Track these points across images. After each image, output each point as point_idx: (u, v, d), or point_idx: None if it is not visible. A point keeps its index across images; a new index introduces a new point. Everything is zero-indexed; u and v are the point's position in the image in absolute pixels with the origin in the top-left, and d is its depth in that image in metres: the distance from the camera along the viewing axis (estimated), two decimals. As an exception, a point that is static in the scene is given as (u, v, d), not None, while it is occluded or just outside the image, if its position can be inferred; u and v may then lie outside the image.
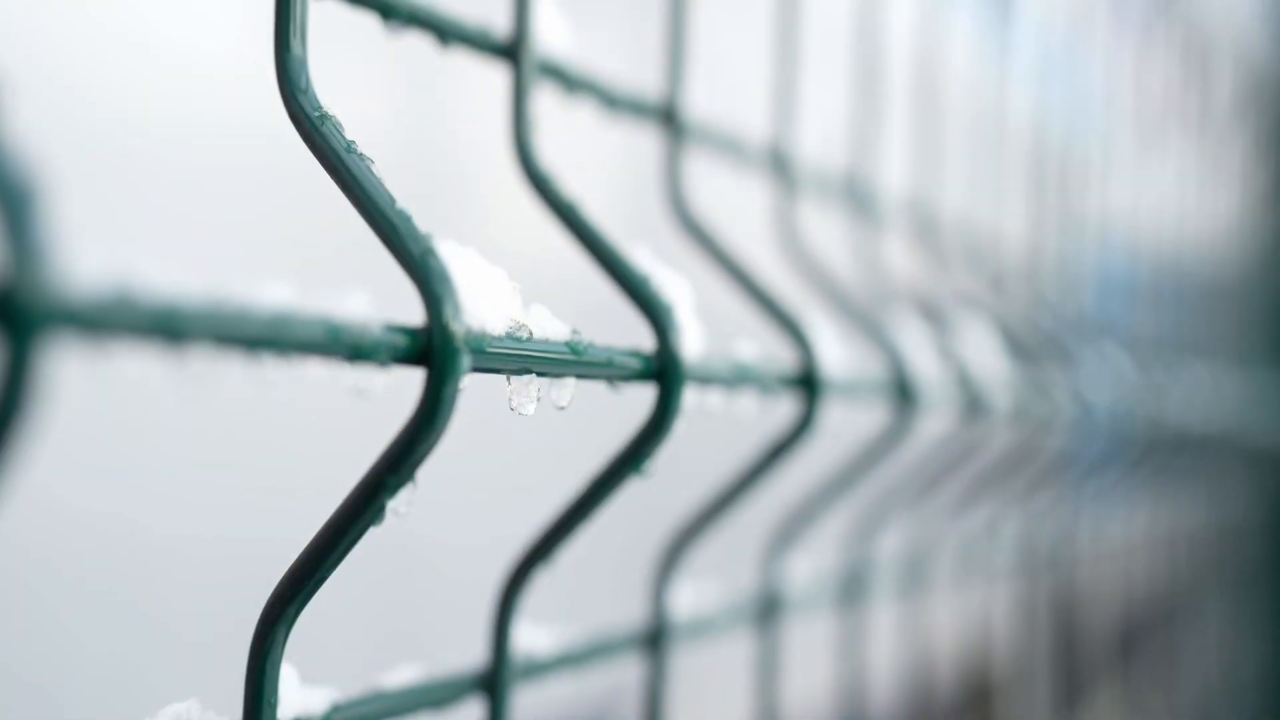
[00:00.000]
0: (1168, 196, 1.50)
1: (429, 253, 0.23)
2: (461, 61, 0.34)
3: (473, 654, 0.35)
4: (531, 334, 0.26)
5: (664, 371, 0.30)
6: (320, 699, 0.28)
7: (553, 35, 0.36)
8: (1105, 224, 1.28)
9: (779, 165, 0.52)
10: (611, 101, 0.39)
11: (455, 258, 0.24)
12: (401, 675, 0.32)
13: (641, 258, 0.32)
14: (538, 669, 0.36)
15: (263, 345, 0.20)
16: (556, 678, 0.37)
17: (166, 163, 0.42)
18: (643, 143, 0.46)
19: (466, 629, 0.39)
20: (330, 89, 0.27)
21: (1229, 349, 1.73)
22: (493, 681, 0.34)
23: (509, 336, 0.25)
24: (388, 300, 0.25)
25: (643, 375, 0.30)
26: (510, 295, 0.25)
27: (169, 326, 0.18)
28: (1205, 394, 1.28)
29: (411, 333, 0.23)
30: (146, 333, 0.18)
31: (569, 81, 0.37)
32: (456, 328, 0.23)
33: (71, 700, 0.42)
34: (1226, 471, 1.64)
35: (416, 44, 0.33)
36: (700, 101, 0.45)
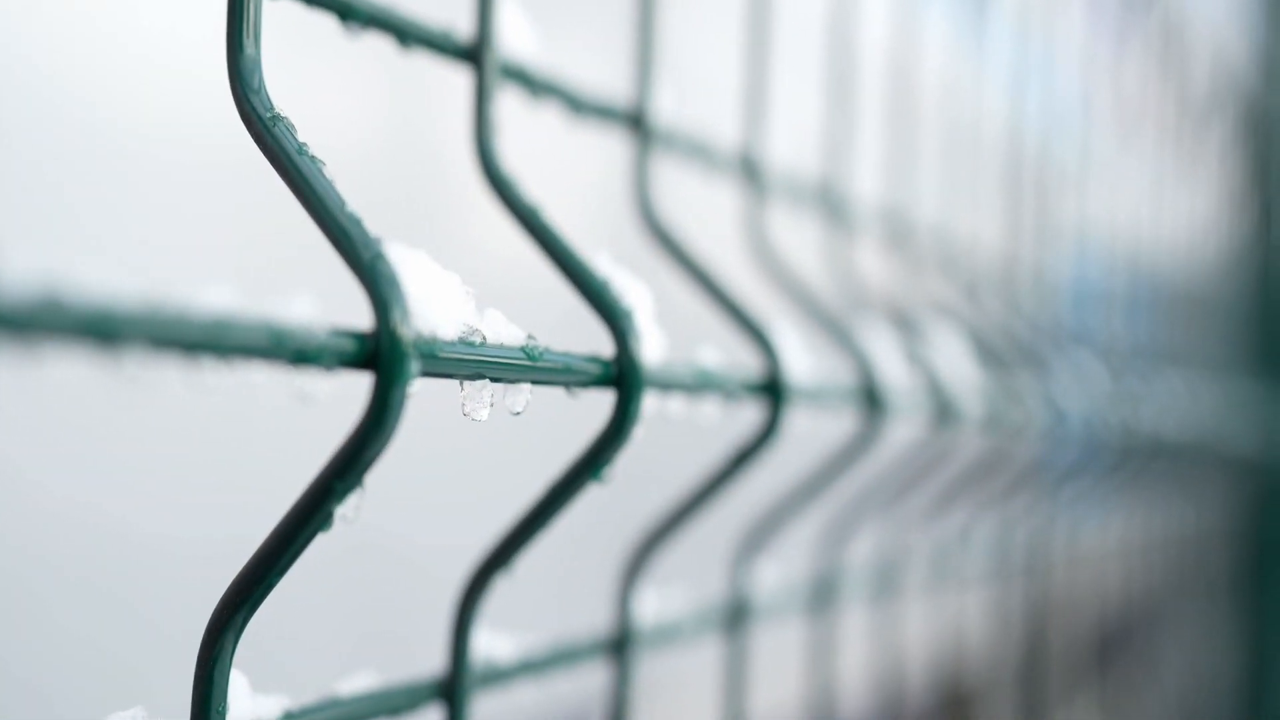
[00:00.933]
0: (1143, 201, 1.50)
1: (378, 256, 0.23)
2: (441, 66, 0.34)
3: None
4: (485, 339, 0.26)
5: (623, 377, 0.30)
6: (273, 706, 0.28)
7: (517, 38, 0.36)
8: (1081, 229, 1.28)
9: (749, 171, 0.51)
10: (577, 106, 0.39)
11: (407, 262, 0.24)
12: (358, 681, 0.32)
13: (602, 263, 0.32)
14: (498, 676, 0.35)
15: (202, 349, 0.19)
16: (518, 685, 0.36)
17: (115, 163, 0.42)
18: (616, 147, 0.46)
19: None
20: (312, 92, 0.27)
21: (1203, 356, 1.74)
22: (452, 689, 0.33)
23: (461, 341, 0.25)
24: (341, 305, 0.25)
25: (602, 381, 0.30)
26: (463, 300, 0.25)
27: (102, 330, 0.18)
28: (1180, 401, 1.29)
29: (359, 337, 0.22)
30: (78, 336, 0.17)
31: (533, 85, 0.36)
32: (405, 332, 0.22)
33: (48, 698, 0.42)
34: (1201, 479, 1.65)
35: (392, 48, 0.32)
36: (670, 107, 0.45)
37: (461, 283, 0.25)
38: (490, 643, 0.36)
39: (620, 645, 0.41)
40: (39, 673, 0.42)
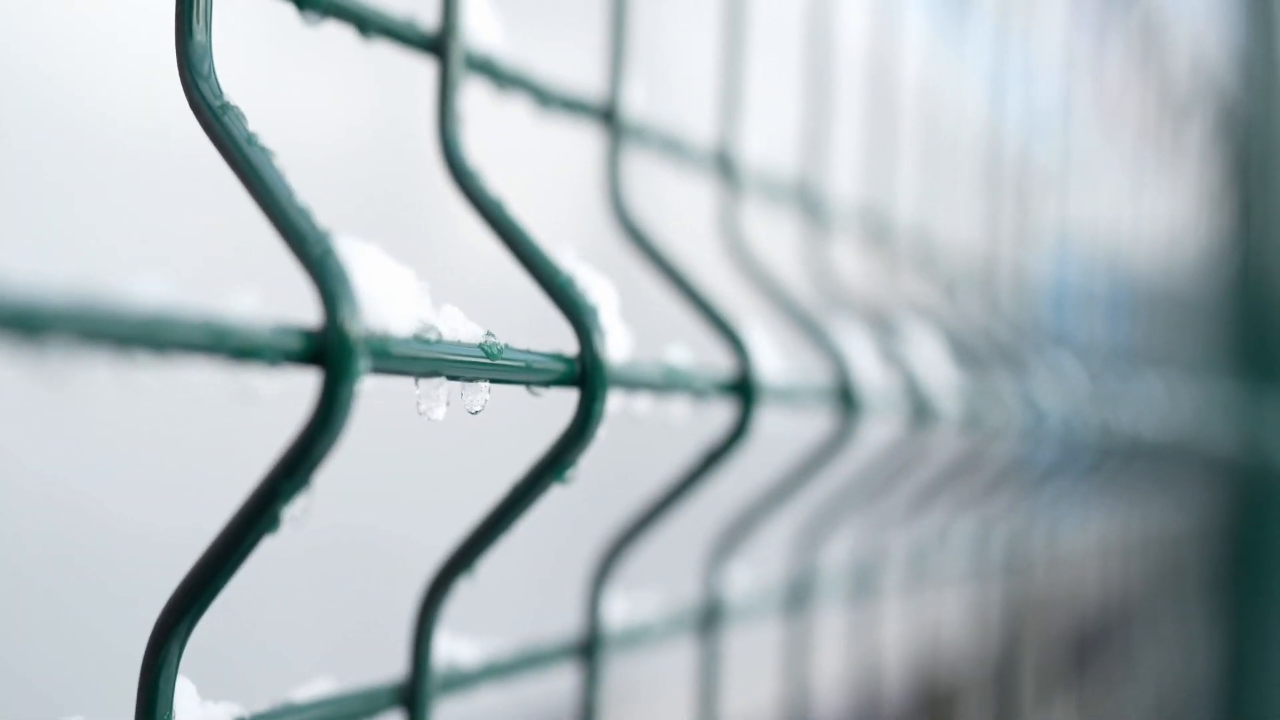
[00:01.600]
0: (1123, 200, 1.51)
1: (328, 250, 0.22)
2: (414, 59, 0.33)
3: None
4: (440, 335, 0.25)
5: (586, 376, 0.29)
6: (223, 714, 0.27)
7: (483, 29, 0.35)
8: (1061, 229, 1.28)
9: (724, 167, 0.51)
10: (545, 99, 0.38)
11: (359, 257, 0.23)
12: (315, 687, 0.31)
13: (567, 258, 0.31)
14: (462, 681, 0.35)
15: (137, 344, 0.19)
16: (482, 690, 0.36)
17: (59, 150, 0.41)
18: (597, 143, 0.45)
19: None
20: (286, 87, 0.26)
21: (1182, 356, 1.74)
22: (412, 694, 0.33)
23: (415, 338, 0.24)
24: (296, 300, 0.24)
25: (565, 380, 0.29)
26: (418, 296, 0.24)
27: (26, 323, 0.17)
28: (1159, 401, 1.29)
29: (305, 333, 0.21)
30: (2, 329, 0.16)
31: (500, 77, 0.36)
32: (353, 327, 0.22)
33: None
34: (1180, 479, 1.65)
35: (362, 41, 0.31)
36: (644, 102, 0.44)
37: (417, 278, 0.24)
38: (454, 647, 0.35)
39: (589, 649, 0.40)
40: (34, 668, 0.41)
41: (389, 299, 0.23)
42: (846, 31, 0.71)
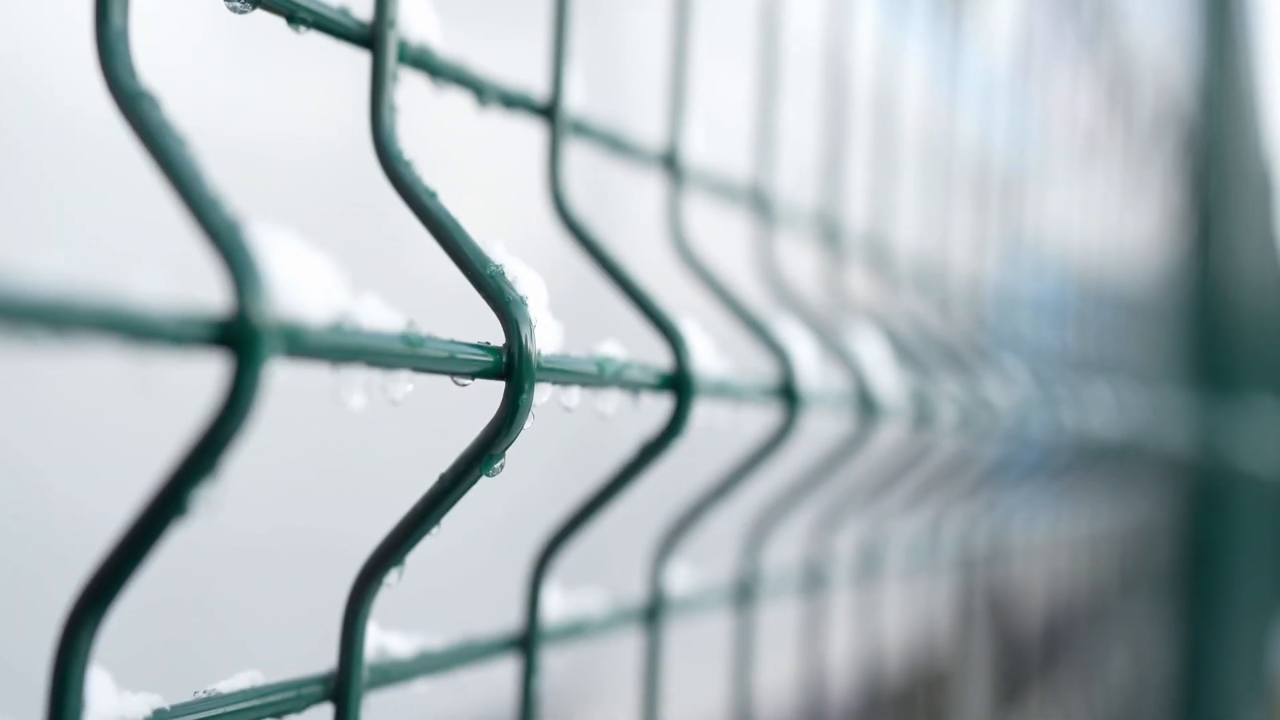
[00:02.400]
0: (1094, 219, 1.54)
1: (237, 235, 0.22)
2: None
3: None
4: (358, 324, 0.25)
5: (512, 368, 0.29)
6: (140, 705, 0.27)
7: (420, 22, 0.35)
8: (1036, 245, 1.30)
9: (669, 164, 0.51)
10: (484, 94, 0.38)
11: (273, 243, 0.23)
12: (241, 679, 0.31)
13: (497, 251, 0.31)
14: (394, 673, 0.34)
15: (32, 325, 0.18)
16: (414, 683, 0.35)
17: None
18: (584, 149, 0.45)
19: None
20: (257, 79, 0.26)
21: (1145, 365, 1.77)
22: (342, 687, 0.32)
23: (330, 326, 0.24)
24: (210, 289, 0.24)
25: (490, 372, 0.29)
26: (336, 283, 0.24)
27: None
28: (1122, 407, 1.30)
29: (215, 319, 0.21)
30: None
31: (436, 71, 0.36)
32: (262, 312, 0.22)
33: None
34: (1141, 481, 1.67)
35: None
36: (587, 97, 0.44)
37: (334, 265, 0.24)
38: (390, 641, 0.35)
39: (527, 641, 0.40)
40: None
41: (305, 286, 0.23)
42: (798, 27, 0.71)
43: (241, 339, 0.21)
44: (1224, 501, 1.96)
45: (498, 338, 0.30)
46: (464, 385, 0.29)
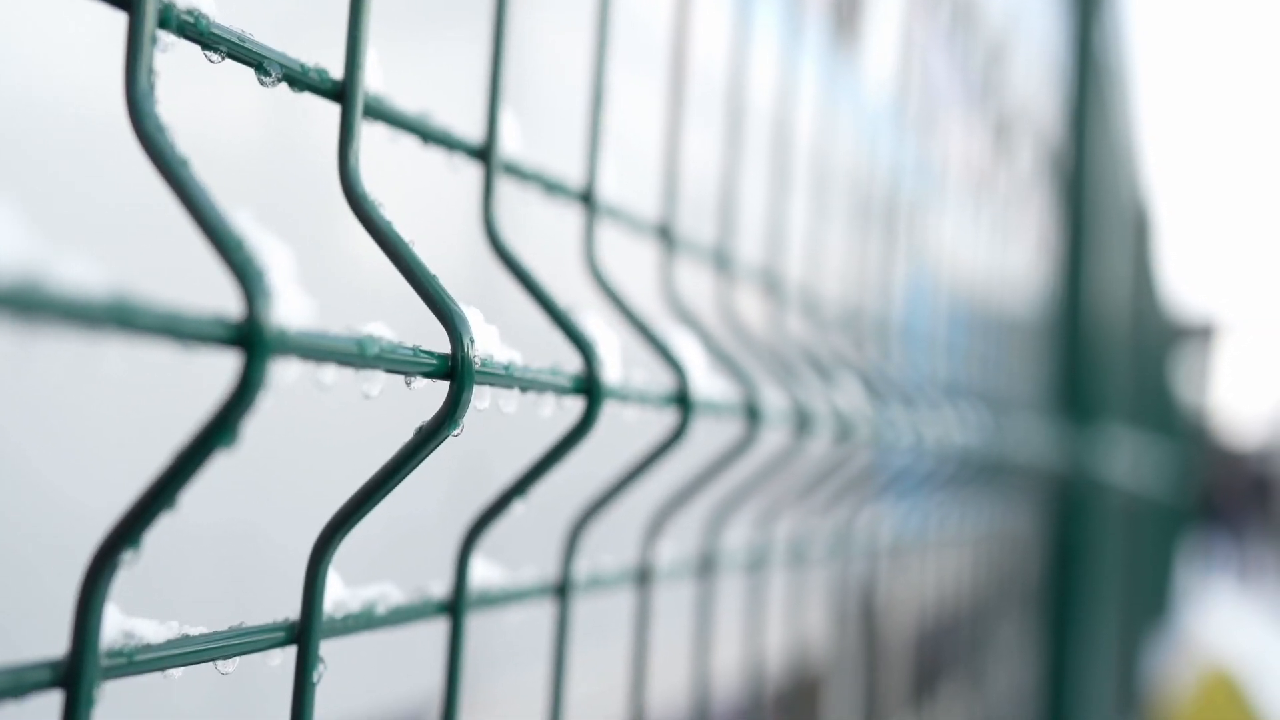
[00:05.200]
0: (975, 254, 1.66)
1: (248, 254, 0.28)
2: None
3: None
4: (337, 331, 0.31)
5: (455, 370, 0.36)
6: (145, 628, 0.33)
7: (370, 75, 0.41)
8: (924, 279, 1.41)
9: (586, 199, 0.58)
10: (427, 138, 0.44)
11: (274, 257, 0.29)
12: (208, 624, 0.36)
13: (444, 272, 0.38)
14: (342, 626, 0.40)
15: (89, 322, 0.24)
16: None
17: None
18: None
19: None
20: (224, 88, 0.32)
21: (1017, 388, 1.90)
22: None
23: (314, 332, 0.30)
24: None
25: (437, 373, 0.36)
26: (296, 285, 0.31)
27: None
28: (992, 426, 1.40)
29: (229, 323, 0.28)
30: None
31: (390, 120, 0.42)
32: (268, 318, 0.28)
33: None
34: (1011, 493, 1.79)
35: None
36: (517, 138, 0.51)
37: (303, 282, 0.31)
38: (343, 596, 0.41)
39: (455, 606, 0.46)
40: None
41: (290, 297, 0.30)
42: (707, 63, 0.78)
43: (252, 340, 0.28)
44: (1086, 509, 2.11)
45: (442, 345, 0.36)
46: (411, 386, 0.36)
